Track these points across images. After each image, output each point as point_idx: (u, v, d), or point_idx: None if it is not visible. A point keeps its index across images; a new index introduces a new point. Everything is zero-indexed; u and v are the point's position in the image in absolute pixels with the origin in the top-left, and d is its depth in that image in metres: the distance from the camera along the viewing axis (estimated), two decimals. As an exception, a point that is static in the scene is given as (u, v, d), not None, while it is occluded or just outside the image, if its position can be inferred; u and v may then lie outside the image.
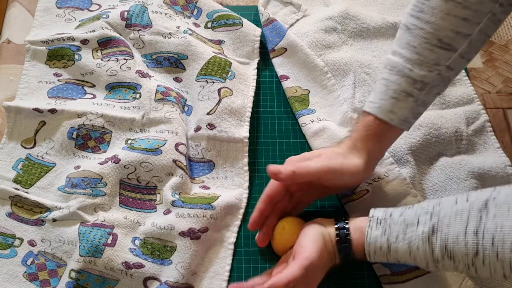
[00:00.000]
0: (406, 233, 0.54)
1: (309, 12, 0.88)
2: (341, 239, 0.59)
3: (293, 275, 0.55)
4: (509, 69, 0.84)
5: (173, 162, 0.70)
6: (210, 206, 0.67)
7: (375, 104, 0.60)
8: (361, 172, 0.61)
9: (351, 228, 0.59)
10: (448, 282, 0.64)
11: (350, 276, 0.66)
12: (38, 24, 0.84)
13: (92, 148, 0.73)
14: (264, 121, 0.78)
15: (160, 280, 0.64)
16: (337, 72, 0.80)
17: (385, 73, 0.60)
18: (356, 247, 0.58)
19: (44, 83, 0.78)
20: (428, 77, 0.58)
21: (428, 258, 0.52)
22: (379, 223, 0.57)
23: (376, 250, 0.56)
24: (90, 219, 0.66)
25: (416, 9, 0.58)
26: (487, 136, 0.76)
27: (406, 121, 0.60)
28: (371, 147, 0.61)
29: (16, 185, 0.70)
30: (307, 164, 0.60)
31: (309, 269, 0.56)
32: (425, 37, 0.57)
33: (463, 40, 0.57)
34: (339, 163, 0.60)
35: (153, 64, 0.81)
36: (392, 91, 0.59)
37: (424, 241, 0.52)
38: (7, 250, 0.66)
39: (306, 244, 0.58)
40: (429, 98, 0.60)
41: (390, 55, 0.61)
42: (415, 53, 0.58)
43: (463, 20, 0.55)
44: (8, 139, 0.74)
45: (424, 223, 0.52)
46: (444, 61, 0.57)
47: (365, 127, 0.61)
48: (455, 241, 0.49)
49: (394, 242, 0.55)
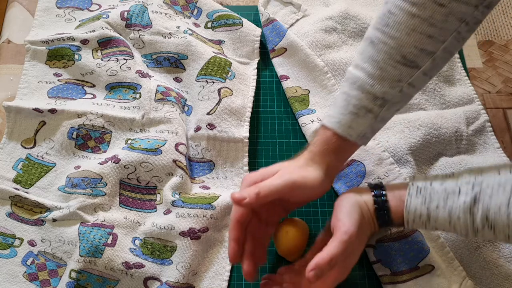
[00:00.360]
0: (447, 202, 0.53)
1: (309, 12, 0.88)
2: (379, 206, 0.58)
3: (334, 252, 0.54)
4: (509, 69, 0.84)
5: (173, 162, 0.70)
6: (210, 206, 0.67)
7: (334, 119, 0.59)
8: (320, 185, 0.59)
9: (389, 195, 0.58)
10: (448, 282, 0.64)
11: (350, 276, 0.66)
12: (38, 24, 0.84)
13: (92, 148, 0.73)
14: (264, 121, 0.78)
15: (160, 280, 0.64)
16: (337, 72, 0.80)
17: (346, 87, 0.59)
18: (394, 214, 0.58)
19: (44, 83, 0.78)
20: (390, 94, 0.57)
21: (468, 227, 0.52)
22: (419, 191, 0.56)
23: (415, 218, 0.56)
24: (90, 219, 0.66)
25: (382, 22, 0.56)
26: (487, 136, 0.76)
27: (364, 136, 0.59)
28: (329, 161, 0.59)
29: (16, 185, 0.70)
30: (270, 183, 0.58)
31: (349, 243, 0.55)
32: (389, 52, 0.55)
33: (427, 57, 0.55)
34: (300, 176, 0.58)
35: (153, 64, 0.81)
36: (352, 106, 0.58)
37: (465, 211, 0.52)
38: (7, 250, 0.66)
39: (343, 217, 0.57)
40: (388, 114, 0.59)
41: (352, 68, 0.59)
42: (378, 68, 0.56)
43: (428, 37, 0.54)
44: (8, 139, 0.74)
45: (466, 193, 0.52)
46: (406, 78, 0.56)
47: (323, 141, 0.59)
48: (497, 212, 0.49)
49: (435, 211, 0.54)
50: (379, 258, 0.66)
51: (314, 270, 0.53)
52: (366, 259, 0.67)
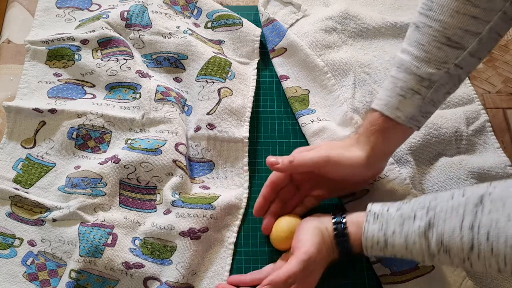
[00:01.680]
0: (403, 227, 0.54)
1: (309, 12, 0.88)
2: (338, 232, 0.59)
3: (292, 271, 0.55)
4: (509, 69, 0.84)
5: (173, 162, 0.70)
6: (210, 206, 0.67)
7: (382, 101, 0.60)
8: (362, 165, 0.61)
9: (348, 222, 0.59)
10: (448, 282, 0.64)
11: (350, 276, 0.66)
12: (38, 24, 0.84)
13: (92, 148, 0.73)
14: (264, 121, 0.78)
15: (160, 280, 0.64)
16: (337, 72, 0.80)
17: (393, 71, 0.60)
18: (353, 241, 0.58)
19: (44, 83, 0.78)
20: (436, 75, 0.57)
21: (424, 252, 0.53)
22: (376, 217, 0.57)
23: (373, 245, 0.57)
24: (90, 219, 0.66)
25: (425, 7, 0.58)
26: (487, 136, 0.76)
27: (413, 119, 0.60)
28: (374, 141, 0.61)
29: (16, 185, 0.70)
30: (304, 154, 0.61)
31: (308, 263, 0.56)
32: (434, 35, 0.56)
33: (472, 38, 0.56)
34: (337, 153, 0.60)
35: (153, 64, 0.81)
36: (399, 88, 0.59)
37: (420, 236, 0.52)
38: (7, 250, 0.66)
39: (304, 238, 0.58)
40: (437, 96, 0.60)
41: (399, 53, 0.60)
42: (423, 51, 0.57)
43: (473, 18, 0.55)
44: (8, 139, 0.74)
45: (420, 218, 0.52)
46: (452, 59, 0.57)
47: (370, 122, 0.61)
48: (451, 236, 0.50)
49: (391, 237, 0.55)
50: (379, 258, 0.66)
51: (268, 286, 0.54)
52: (366, 259, 0.67)
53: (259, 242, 0.68)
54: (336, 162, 0.60)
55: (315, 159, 0.60)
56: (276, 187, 0.65)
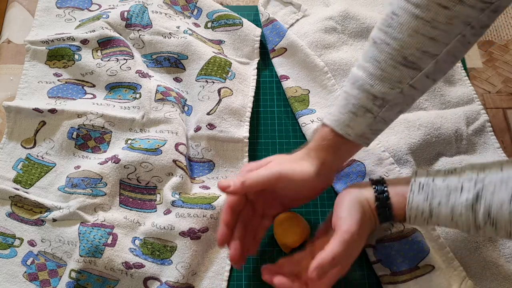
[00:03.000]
0: (449, 199, 0.53)
1: (309, 12, 0.88)
2: (380, 203, 0.58)
3: (336, 251, 0.54)
4: (509, 69, 0.84)
5: (173, 162, 0.70)
6: (210, 206, 0.67)
7: (333, 117, 0.59)
8: (313, 178, 0.59)
9: (391, 191, 0.58)
10: (448, 282, 0.64)
11: (350, 276, 0.66)
12: (38, 24, 0.84)
13: (92, 148, 0.73)
14: (264, 121, 0.78)
15: (160, 280, 0.64)
16: (337, 72, 0.80)
17: (347, 86, 0.59)
18: (396, 210, 0.57)
19: (44, 83, 0.78)
20: (390, 95, 0.56)
21: (470, 224, 0.52)
22: (421, 187, 0.56)
23: (418, 215, 0.56)
24: (90, 219, 0.66)
25: (385, 23, 0.56)
26: (487, 136, 0.76)
27: (363, 136, 0.59)
28: (323, 157, 0.59)
29: (16, 185, 0.70)
30: (256, 173, 0.58)
31: (351, 241, 0.55)
32: (390, 53, 0.55)
33: (429, 59, 0.55)
34: (289, 168, 0.59)
35: (153, 64, 0.81)
36: (352, 105, 0.58)
37: (467, 208, 0.52)
38: (7, 250, 0.66)
39: (344, 215, 0.57)
40: (389, 115, 0.59)
41: (354, 68, 0.59)
42: (379, 68, 0.56)
43: (431, 40, 0.54)
44: (8, 139, 0.74)
45: (468, 190, 0.52)
46: (407, 79, 0.56)
47: (320, 138, 0.60)
48: (499, 208, 0.49)
49: (437, 208, 0.54)
50: (379, 258, 0.66)
51: (316, 270, 0.53)
52: (366, 259, 0.67)
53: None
54: (288, 177, 0.58)
55: (267, 176, 0.58)
56: (235, 211, 0.60)
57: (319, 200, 0.71)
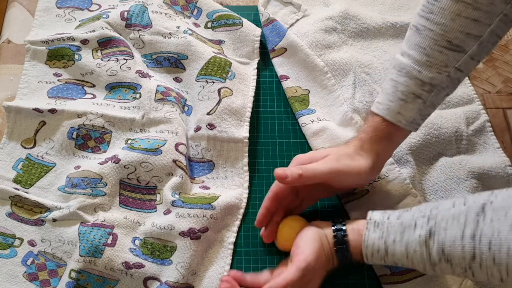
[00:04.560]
0: (404, 236, 0.54)
1: (309, 12, 0.88)
2: (338, 240, 0.59)
3: (290, 278, 0.55)
4: (509, 69, 0.84)
5: (173, 162, 0.70)
6: (210, 206, 0.67)
7: (383, 106, 0.60)
8: (367, 173, 0.61)
9: (348, 230, 0.59)
10: (448, 282, 0.64)
11: (350, 276, 0.66)
12: (38, 24, 0.84)
13: (92, 148, 0.73)
14: (264, 121, 0.78)
15: (160, 280, 0.64)
16: (337, 72, 0.80)
17: (393, 74, 0.60)
18: (353, 249, 0.58)
19: (44, 83, 0.78)
20: (437, 79, 0.57)
21: (425, 261, 0.52)
22: (376, 225, 0.57)
23: (374, 253, 0.56)
24: (90, 219, 0.66)
25: (426, 10, 0.57)
26: (487, 136, 0.76)
27: (414, 122, 0.60)
28: (378, 148, 0.61)
29: (16, 185, 0.70)
30: (314, 167, 0.60)
31: (306, 271, 0.56)
32: (435, 38, 0.56)
33: (473, 41, 0.56)
34: (346, 165, 0.60)
35: (153, 64, 0.81)
36: (400, 92, 0.59)
37: (421, 244, 0.52)
38: (7, 250, 0.66)
39: (303, 246, 0.58)
40: (437, 99, 0.60)
41: (399, 56, 0.60)
42: (424, 54, 0.57)
43: (474, 21, 0.54)
44: (8, 139, 0.74)
45: (421, 227, 0.52)
46: (453, 62, 0.57)
47: (373, 128, 0.61)
48: (452, 244, 0.49)
49: (392, 245, 0.55)
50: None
51: None
52: (366, 259, 0.67)
53: (259, 242, 0.68)
54: (345, 174, 0.60)
55: (325, 172, 0.59)
56: (280, 199, 0.64)
57: (319, 201, 0.71)
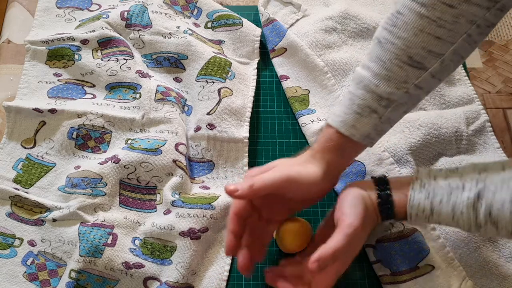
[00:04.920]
0: (451, 197, 0.53)
1: (309, 12, 0.88)
2: (382, 200, 0.58)
3: (338, 245, 0.54)
4: (509, 69, 0.84)
5: (173, 162, 0.70)
6: (210, 206, 0.67)
7: (338, 118, 0.59)
8: (319, 182, 0.59)
9: (393, 189, 0.58)
10: (448, 282, 0.64)
11: (350, 276, 0.66)
12: (38, 24, 0.84)
13: (92, 148, 0.73)
14: (264, 121, 0.78)
15: (160, 280, 0.64)
16: (337, 72, 0.80)
17: (352, 86, 0.59)
18: (398, 208, 0.57)
19: (44, 83, 0.78)
20: (395, 95, 0.56)
21: (471, 223, 0.52)
22: (423, 186, 0.56)
23: (419, 213, 0.56)
24: (90, 219, 0.66)
25: (390, 23, 0.56)
26: (487, 136, 0.76)
27: (368, 137, 0.59)
28: (329, 158, 0.59)
29: (16, 185, 0.70)
30: (264, 176, 0.57)
31: (353, 236, 0.55)
32: (396, 52, 0.55)
33: (434, 59, 0.55)
34: (296, 171, 0.58)
35: (153, 64, 0.81)
36: (357, 105, 0.57)
37: (468, 207, 0.52)
38: (7, 250, 0.66)
39: (347, 210, 0.57)
40: (394, 115, 0.59)
41: (359, 68, 0.59)
42: (384, 68, 0.56)
43: (436, 39, 0.53)
44: (8, 139, 0.74)
45: (469, 189, 0.52)
46: (413, 79, 0.55)
47: (325, 139, 0.59)
48: (500, 208, 0.49)
49: (438, 206, 0.54)
50: (379, 258, 0.66)
51: (317, 262, 0.52)
52: (366, 259, 0.67)
53: (259, 242, 0.68)
54: (296, 180, 0.58)
55: (276, 179, 0.57)
56: (242, 219, 0.59)
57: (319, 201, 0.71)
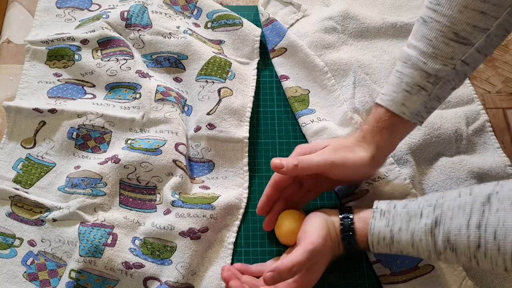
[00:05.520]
0: (409, 224, 0.54)
1: (309, 12, 0.88)
2: (344, 228, 0.59)
3: (297, 259, 0.55)
4: (509, 69, 0.84)
5: (173, 162, 0.70)
6: (210, 206, 0.67)
7: (387, 97, 0.60)
8: (366, 165, 0.61)
9: (355, 218, 0.59)
10: (448, 282, 0.64)
11: (350, 276, 0.66)
12: (38, 24, 0.84)
13: (92, 148, 0.73)
14: (264, 121, 0.78)
15: (160, 280, 0.64)
16: (337, 72, 0.80)
17: (399, 66, 0.60)
18: (359, 237, 0.58)
19: (44, 83, 0.78)
20: (443, 71, 0.57)
21: (430, 249, 0.53)
22: (382, 214, 0.57)
23: (380, 241, 0.57)
24: (90, 219, 0.66)
25: (434, 2, 0.57)
26: (487, 136, 0.76)
27: (418, 115, 0.60)
28: (380, 140, 0.61)
29: (16, 185, 0.70)
30: (309, 158, 0.60)
31: (313, 253, 0.56)
32: (441, 30, 0.56)
33: (480, 34, 0.55)
34: (342, 157, 0.60)
35: (153, 64, 0.81)
36: (405, 84, 0.59)
37: (426, 233, 0.52)
38: (7, 250, 0.66)
39: (310, 230, 0.59)
40: (443, 92, 0.59)
41: (405, 47, 0.60)
42: (430, 46, 0.57)
43: (481, 14, 0.54)
44: (8, 139, 0.74)
45: (427, 216, 0.53)
46: (459, 55, 0.56)
47: (376, 119, 0.61)
48: (457, 234, 0.50)
49: (397, 234, 0.55)
50: (379, 258, 0.66)
51: (271, 273, 0.54)
52: (366, 259, 0.67)
53: (259, 242, 0.68)
54: (341, 166, 0.60)
55: (320, 163, 0.60)
56: (280, 187, 0.65)
57: (319, 200, 0.71)
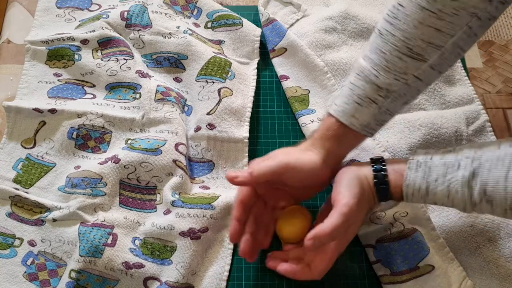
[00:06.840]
0: (446, 176, 0.54)
1: (309, 12, 0.88)
2: (379, 181, 0.58)
3: (335, 224, 0.54)
4: (509, 69, 0.84)
5: (173, 162, 0.70)
6: (210, 206, 0.67)
7: (338, 108, 0.59)
8: (318, 168, 0.60)
9: (389, 169, 0.59)
10: (448, 282, 0.64)
11: (350, 276, 0.66)
12: (38, 24, 0.84)
13: (92, 148, 0.73)
14: (264, 121, 0.78)
15: (160, 280, 0.64)
16: (337, 72, 0.80)
17: (352, 77, 0.60)
18: (394, 188, 0.58)
19: (44, 83, 0.78)
20: (394, 86, 0.57)
21: (466, 201, 0.53)
22: (419, 165, 0.56)
23: (415, 192, 0.56)
24: (90, 219, 0.66)
25: (391, 15, 0.56)
26: (487, 136, 0.76)
27: (368, 127, 0.59)
28: (329, 146, 0.60)
29: (16, 185, 0.70)
30: (263, 164, 0.59)
31: (349, 215, 0.55)
32: (396, 44, 0.55)
33: (434, 51, 0.55)
34: (295, 158, 0.60)
35: (153, 64, 0.81)
36: (356, 96, 0.58)
37: (463, 185, 0.52)
38: (7, 250, 0.66)
39: (344, 190, 0.57)
40: (394, 106, 0.59)
41: (360, 59, 0.59)
42: (384, 59, 0.56)
43: (436, 31, 0.54)
44: (8, 139, 0.74)
45: (464, 167, 0.52)
46: (412, 70, 0.56)
47: (326, 127, 0.60)
48: (495, 185, 0.50)
49: (433, 185, 0.55)
50: (379, 258, 0.66)
51: (312, 240, 0.53)
52: (366, 259, 0.67)
53: (259, 242, 0.68)
54: (294, 167, 0.59)
55: (273, 166, 0.59)
56: (247, 206, 0.61)
57: (319, 199, 0.71)
